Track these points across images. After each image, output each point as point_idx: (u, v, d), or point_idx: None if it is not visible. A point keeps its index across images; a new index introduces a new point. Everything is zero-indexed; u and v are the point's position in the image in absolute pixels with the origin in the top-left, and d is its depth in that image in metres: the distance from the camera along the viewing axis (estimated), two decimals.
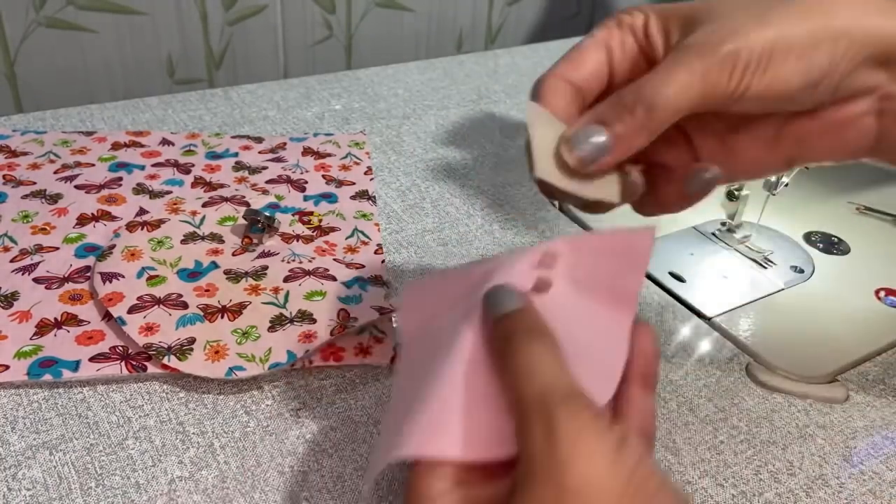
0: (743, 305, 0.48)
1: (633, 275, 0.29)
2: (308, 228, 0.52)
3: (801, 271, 0.51)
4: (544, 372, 0.25)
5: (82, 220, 0.51)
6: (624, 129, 0.30)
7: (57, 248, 0.48)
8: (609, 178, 0.32)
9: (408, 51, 0.88)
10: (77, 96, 0.73)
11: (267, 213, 0.50)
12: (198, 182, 0.56)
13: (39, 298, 0.44)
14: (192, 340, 0.41)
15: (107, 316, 0.43)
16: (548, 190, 0.32)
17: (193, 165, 0.58)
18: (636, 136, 0.30)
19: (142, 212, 0.52)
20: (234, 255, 0.48)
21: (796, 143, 0.32)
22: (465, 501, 0.24)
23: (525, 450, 0.23)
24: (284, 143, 0.62)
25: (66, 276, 0.46)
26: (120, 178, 0.56)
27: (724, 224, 0.54)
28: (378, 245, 0.51)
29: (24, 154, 0.58)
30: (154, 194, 0.54)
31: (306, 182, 0.57)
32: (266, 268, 0.47)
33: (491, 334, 0.27)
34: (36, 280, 0.45)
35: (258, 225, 0.49)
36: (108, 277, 0.45)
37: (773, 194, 0.49)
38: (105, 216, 0.52)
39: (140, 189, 0.55)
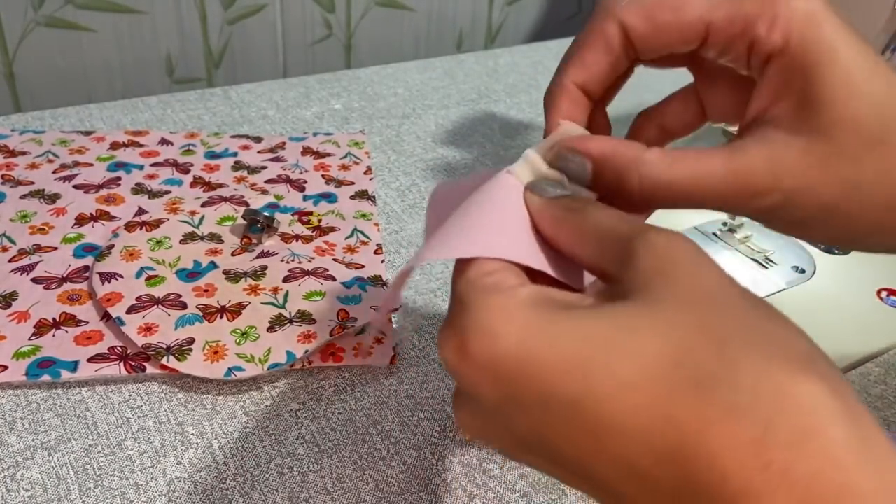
0: None
1: None
2: (307, 228, 0.52)
3: (803, 271, 0.51)
4: (633, 218, 0.25)
5: (81, 220, 0.51)
6: (606, 187, 0.28)
7: (55, 248, 0.48)
8: None
9: (408, 50, 0.88)
10: (76, 96, 0.72)
11: (266, 213, 0.50)
12: (197, 182, 0.56)
13: (38, 299, 0.44)
14: (191, 341, 0.41)
15: (105, 316, 0.43)
16: None
17: (192, 165, 0.58)
18: (614, 197, 0.28)
19: (140, 212, 0.52)
20: (233, 255, 0.48)
21: None
22: (539, 294, 0.23)
23: (633, 269, 0.23)
24: (284, 143, 0.62)
25: (64, 276, 0.46)
26: (119, 178, 0.56)
27: (725, 224, 0.54)
28: (378, 245, 0.51)
29: (23, 154, 0.58)
30: (153, 194, 0.54)
31: (306, 182, 0.57)
32: (265, 268, 0.46)
33: (535, 210, 0.27)
34: (34, 280, 0.45)
35: (257, 225, 0.49)
36: (106, 277, 0.44)
37: None
38: (104, 216, 0.51)
39: (139, 189, 0.55)
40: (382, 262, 0.49)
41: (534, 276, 0.25)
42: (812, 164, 0.27)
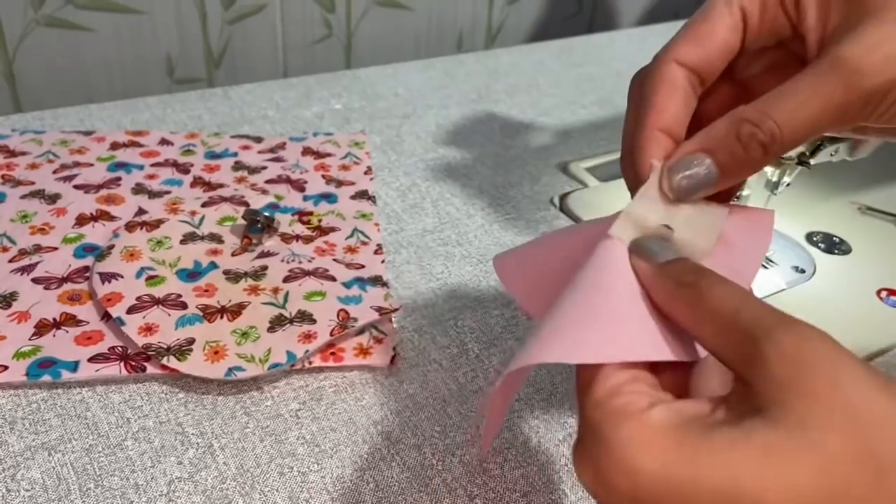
0: None
1: (752, 256, 0.28)
2: (307, 228, 0.52)
3: (803, 271, 0.51)
4: (753, 302, 0.23)
5: (81, 220, 0.51)
6: (733, 163, 0.27)
7: (56, 249, 0.48)
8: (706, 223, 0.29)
9: (408, 50, 0.88)
10: (76, 96, 0.72)
11: (266, 213, 0.50)
12: (197, 182, 0.56)
13: (38, 299, 0.44)
14: (192, 341, 0.41)
15: (106, 316, 0.43)
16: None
17: (192, 165, 0.58)
18: (745, 171, 0.27)
19: (141, 212, 0.52)
20: (233, 255, 0.48)
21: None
22: (671, 415, 0.22)
23: (765, 377, 0.21)
24: (284, 143, 0.62)
25: (64, 276, 0.46)
26: (119, 178, 0.56)
27: None
28: (378, 245, 0.51)
29: (23, 154, 0.58)
30: (153, 194, 0.54)
31: (306, 182, 0.57)
32: (265, 268, 0.46)
33: (646, 280, 0.26)
34: (35, 280, 0.45)
35: (257, 225, 0.49)
36: (107, 277, 0.44)
37: (775, 194, 0.49)
38: (104, 216, 0.51)
39: (139, 189, 0.55)
40: (382, 262, 0.49)
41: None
42: None
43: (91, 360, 0.40)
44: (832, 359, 0.21)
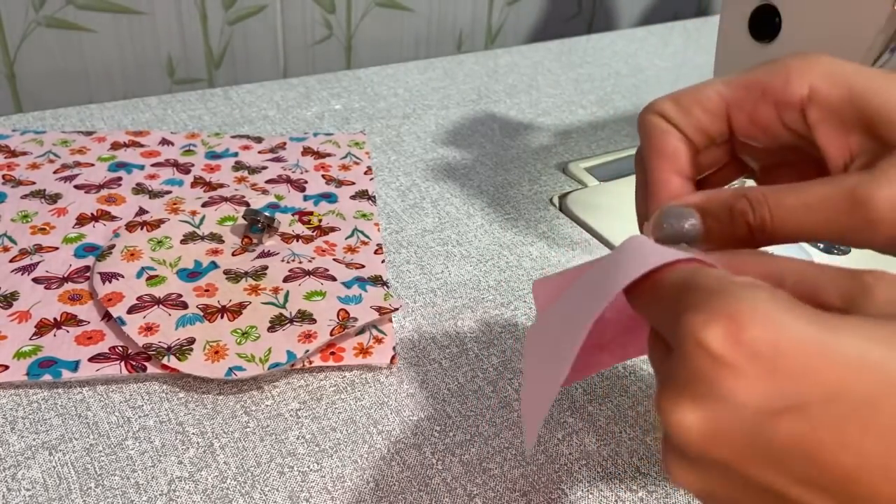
0: None
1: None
2: (308, 228, 0.52)
3: None
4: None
5: (82, 220, 0.51)
6: (718, 231, 0.27)
7: (56, 248, 0.48)
8: None
9: (408, 51, 0.88)
10: (77, 96, 0.73)
11: (267, 213, 0.50)
12: (197, 182, 0.56)
13: (39, 298, 0.44)
14: (192, 340, 0.41)
15: (106, 316, 0.43)
16: None
17: (193, 165, 0.58)
18: (730, 242, 0.27)
19: (141, 212, 0.52)
20: (233, 255, 0.48)
21: None
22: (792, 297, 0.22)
23: (872, 300, 0.22)
24: (284, 143, 0.62)
25: (65, 276, 0.46)
26: (119, 178, 0.56)
27: None
28: (378, 245, 0.51)
29: (24, 154, 0.58)
30: (154, 194, 0.54)
31: (306, 182, 0.57)
32: (266, 268, 0.46)
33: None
34: (35, 280, 0.45)
35: (258, 225, 0.49)
36: (107, 277, 0.44)
37: None
38: (104, 216, 0.51)
39: (140, 189, 0.55)
40: (382, 261, 0.49)
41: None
42: None
43: (91, 359, 0.40)
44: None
